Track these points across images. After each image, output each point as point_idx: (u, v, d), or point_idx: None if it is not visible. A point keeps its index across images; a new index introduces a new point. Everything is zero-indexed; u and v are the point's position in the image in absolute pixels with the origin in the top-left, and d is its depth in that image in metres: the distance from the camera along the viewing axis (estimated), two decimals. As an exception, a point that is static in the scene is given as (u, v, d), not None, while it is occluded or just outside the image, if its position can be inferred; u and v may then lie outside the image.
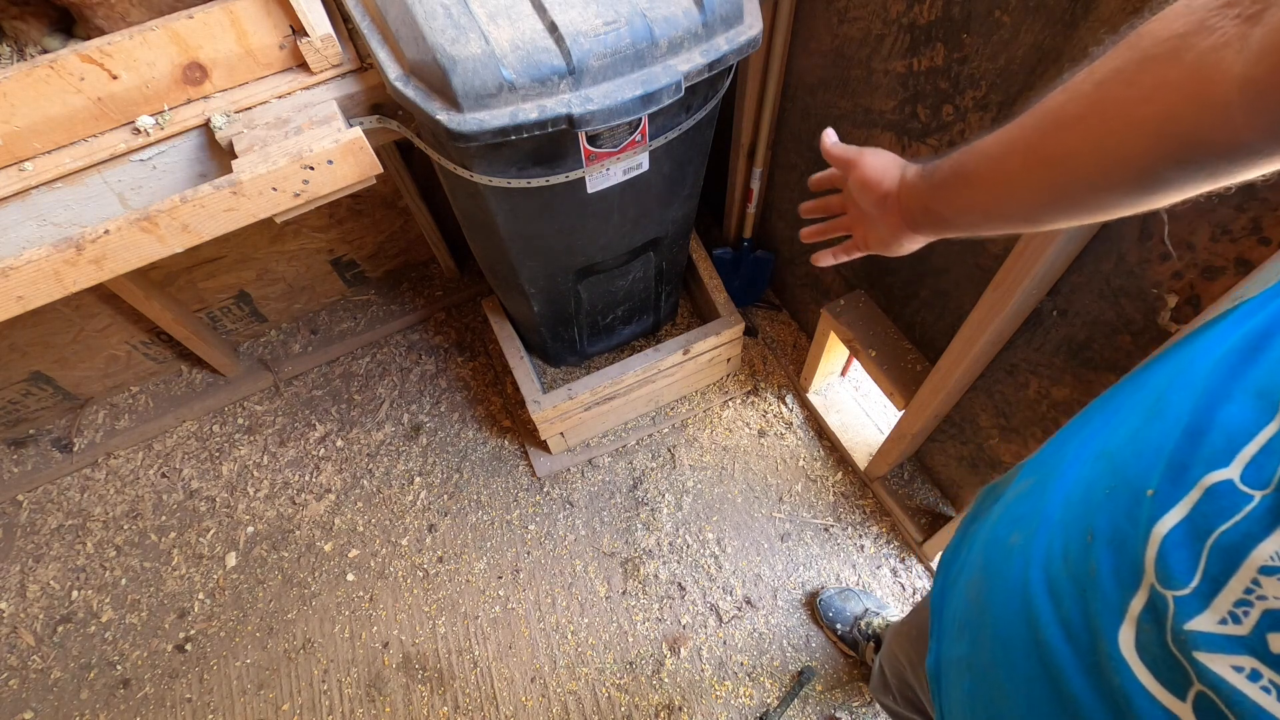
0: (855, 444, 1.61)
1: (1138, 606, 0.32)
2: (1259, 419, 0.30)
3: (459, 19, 0.85)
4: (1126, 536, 0.34)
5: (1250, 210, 0.66)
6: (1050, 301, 0.93)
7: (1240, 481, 0.29)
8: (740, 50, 0.97)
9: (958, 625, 0.51)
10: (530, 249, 1.21)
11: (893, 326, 1.34)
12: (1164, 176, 0.39)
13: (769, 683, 1.38)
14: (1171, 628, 0.30)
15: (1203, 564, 0.30)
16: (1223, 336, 0.37)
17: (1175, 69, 0.36)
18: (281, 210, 0.91)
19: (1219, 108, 0.34)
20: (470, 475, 1.69)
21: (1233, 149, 0.35)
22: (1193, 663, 0.29)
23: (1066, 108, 0.43)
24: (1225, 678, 0.28)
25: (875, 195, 0.63)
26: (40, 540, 1.66)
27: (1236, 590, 0.28)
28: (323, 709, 1.42)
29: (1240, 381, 0.32)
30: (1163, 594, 0.31)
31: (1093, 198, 0.44)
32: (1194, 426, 0.33)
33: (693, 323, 1.86)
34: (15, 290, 0.83)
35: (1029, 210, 0.49)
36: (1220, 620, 0.29)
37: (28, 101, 0.84)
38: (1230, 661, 0.28)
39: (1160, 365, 0.43)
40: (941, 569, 0.60)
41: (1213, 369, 0.34)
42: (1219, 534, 0.29)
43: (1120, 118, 0.39)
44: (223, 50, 0.92)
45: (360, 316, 1.92)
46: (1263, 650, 0.27)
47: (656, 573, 1.52)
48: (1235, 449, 0.30)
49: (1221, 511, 0.30)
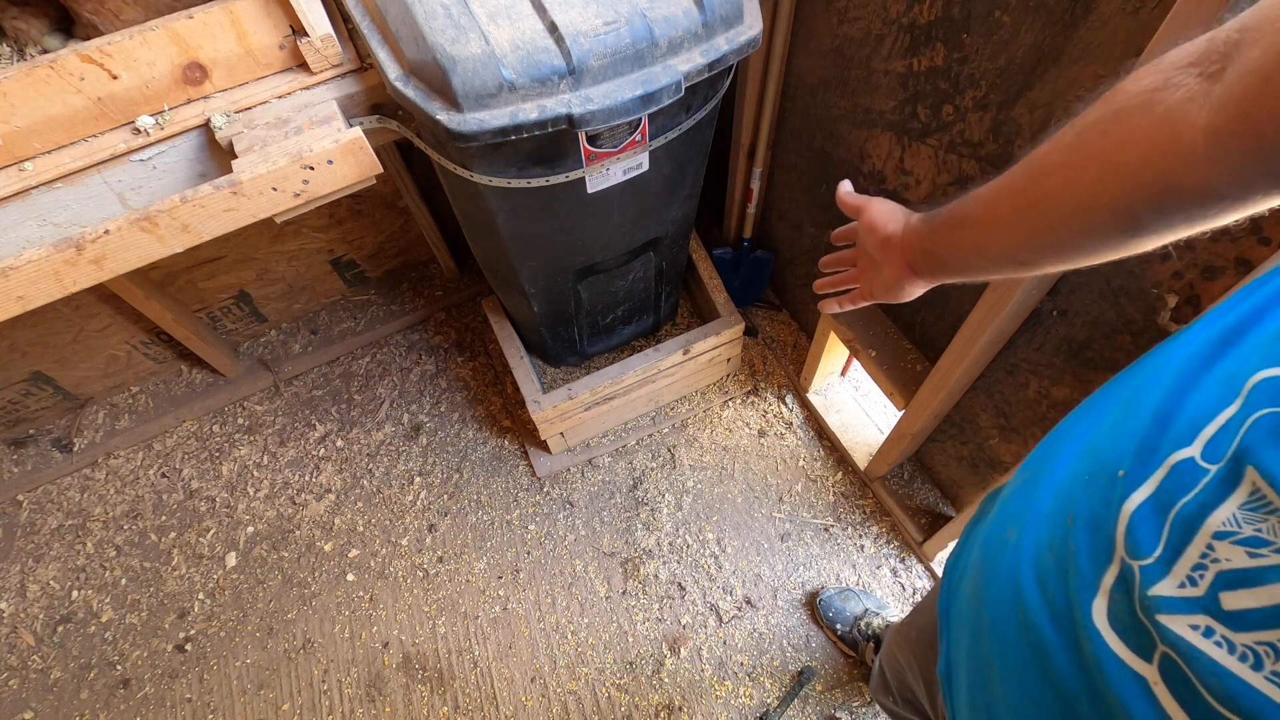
0: (855, 444, 1.61)
1: (1110, 580, 0.35)
2: (1222, 402, 0.32)
3: (459, 19, 0.85)
4: (1101, 517, 0.36)
5: (1250, 210, 0.66)
6: (1050, 301, 0.93)
7: (1200, 458, 0.32)
8: (740, 50, 0.97)
9: (965, 626, 0.52)
10: (530, 249, 1.21)
11: (893, 326, 1.34)
12: (1142, 219, 0.42)
13: (769, 683, 1.38)
14: (1138, 595, 0.32)
15: (1165, 534, 0.32)
16: (1198, 333, 0.39)
17: (1146, 120, 0.39)
18: (281, 210, 0.91)
19: (1187, 156, 0.37)
20: (470, 475, 1.69)
21: (1203, 194, 0.38)
22: (1156, 626, 0.31)
23: (1050, 155, 0.46)
24: (1184, 636, 0.30)
25: (880, 238, 0.67)
26: (40, 540, 1.66)
27: (1193, 556, 0.31)
28: (323, 709, 1.42)
29: (1210, 371, 0.35)
30: (1130, 565, 0.33)
31: (1076, 239, 0.46)
32: (1163, 412, 0.35)
33: (693, 323, 1.86)
34: (15, 290, 0.83)
35: (1018, 251, 0.52)
36: (1180, 584, 0.31)
37: (28, 101, 0.84)
38: (1188, 621, 0.30)
39: (1144, 362, 0.45)
40: (946, 573, 0.61)
41: (1186, 361, 0.37)
42: (1180, 506, 0.32)
43: (1097, 164, 0.42)
44: (223, 50, 0.92)
45: (360, 316, 1.92)
46: (1216, 609, 0.29)
47: (656, 573, 1.52)
48: (1198, 429, 0.33)
49: (1183, 486, 0.32)
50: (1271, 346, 0.32)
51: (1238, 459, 0.30)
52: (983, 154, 0.95)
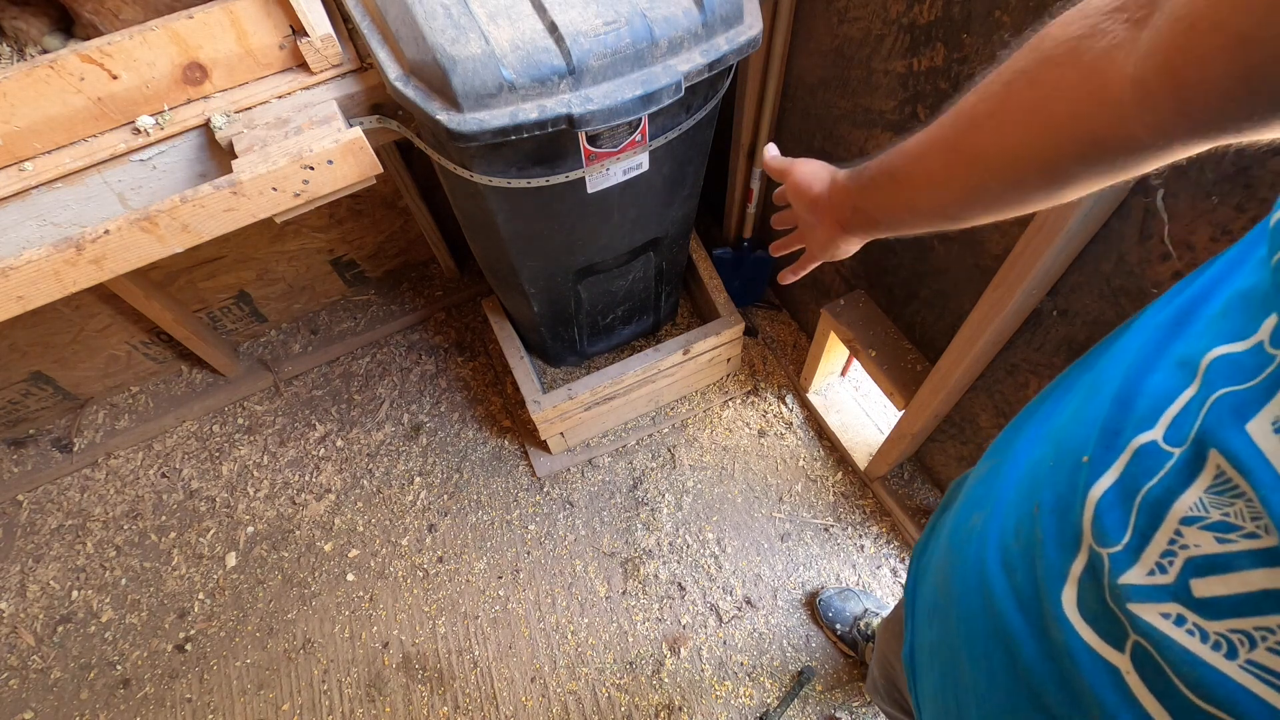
0: (855, 444, 1.61)
1: (1078, 568, 0.34)
2: (1181, 383, 0.32)
3: (459, 19, 0.85)
4: (1068, 504, 0.35)
5: (1250, 210, 0.66)
6: (1050, 301, 0.93)
7: (1163, 441, 0.31)
8: (740, 50, 0.97)
9: (928, 613, 0.52)
10: (530, 249, 1.21)
11: (893, 326, 1.34)
12: (1070, 172, 0.41)
13: (769, 683, 1.38)
14: (1108, 584, 0.32)
15: (1133, 521, 0.31)
16: (1153, 316, 0.39)
17: (1074, 71, 0.38)
18: (281, 210, 0.91)
19: (1114, 106, 0.36)
20: (470, 475, 1.69)
21: (1129, 145, 0.37)
22: (1127, 614, 0.31)
23: (978, 107, 0.45)
24: (1155, 625, 0.30)
25: (807, 199, 0.66)
26: (40, 540, 1.66)
27: (1162, 542, 0.30)
28: (323, 709, 1.42)
29: (1165, 353, 0.34)
30: (1099, 553, 0.33)
31: (1006, 193, 0.45)
32: (1123, 395, 0.35)
33: (693, 323, 1.86)
34: (15, 290, 0.83)
35: (949, 205, 0.51)
36: (1149, 572, 0.30)
37: (28, 101, 0.84)
38: (1159, 609, 0.30)
39: (1103, 348, 0.45)
40: (914, 560, 0.61)
41: (1143, 345, 0.37)
42: (1145, 491, 0.31)
43: (1026, 117, 0.41)
44: (223, 50, 0.92)
45: (360, 316, 1.92)
46: (1186, 596, 0.29)
47: (656, 573, 1.52)
48: (1159, 412, 0.32)
49: (1147, 470, 0.31)
50: (1219, 324, 0.32)
51: (1200, 441, 0.29)
52: (983, 154, 0.95)
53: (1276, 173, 0.63)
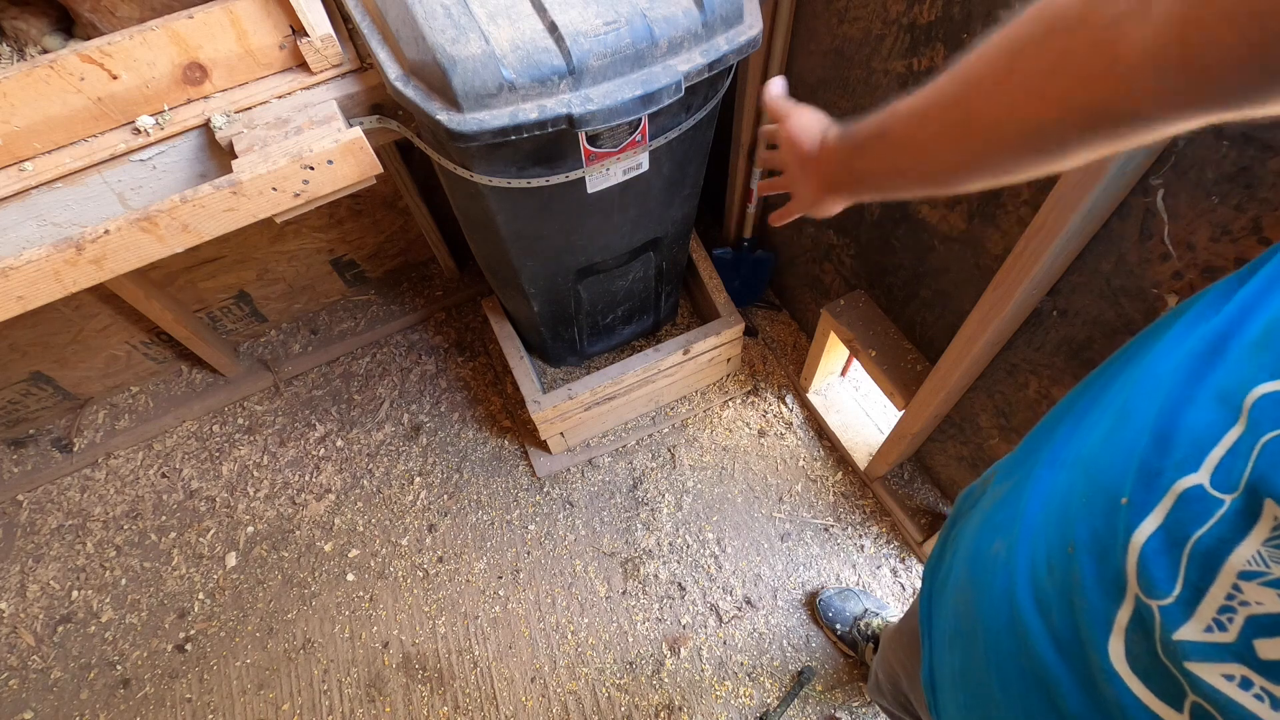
0: (855, 444, 1.61)
1: (1124, 617, 0.32)
2: (1223, 422, 0.30)
3: (459, 19, 0.85)
4: (1106, 546, 0.34)
5: (1250, 210, 0.66)
6: (1050, 301, 0.93)
7: (1210, 486, 0.29)
8: (740, 50, 0.97)
9: (948, 637, 0.51)
10: (530, 249, 1.21)
11: (893, 326, 1.34)
12: (1069, 141, 0.40)
13: (769, 683, 1.38)
14: (1160, 638, 0.30)
15: (1182, 571, 0.30)
16: (1180, 337, 0.37)
17: (1083, 40, 0.36)
18: (281, 210, 0.91)
19: (1122, 76, 0.34)
20: (470, 475, 1.69)
21: (1134, 116, 0.35)
22: (1185, 673, 0.29)
23: (980, 72, 0.43)
24: (1218, 687, 0.28)
25: (799, 153, 0.64)
26: (40, 540, 1.66)
27: (1218, 597, 0.28)
28: (323, 709, 1.42)
29: (1201, 385, 0.33)
30: (1148, 604, 0.31)
31: (1000, 161, 0.44)
32: (1161, 431, 0.33)
33: (693, 323, 1.86)
34: (15, 290, 0.83)
35: (939, 172, 0.49)
36: (1206, 628, 0.29)
37: (28, 101, 0.84)
38: (1221, 670, 0.28)
39: (1124, 366, 0.43)
40: (926, 577, 0.60)
41: (1174, 372, 0.35)
42: (1195, 540, 0.29)
43: (1031, 84, 0.39)
44: (223, 50, 0.92)
45: (360, 316, 1.92)
46: (1251, 657, 0.27)
47: (656, 573, 1.52)
48: (1203, 453, 0.30)
49: (1195, 517, 0.30)
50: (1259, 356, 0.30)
51: (1253, 489, 0.27)
52: (983, 154, 0.95)
53: (1277, 172, 0.63)
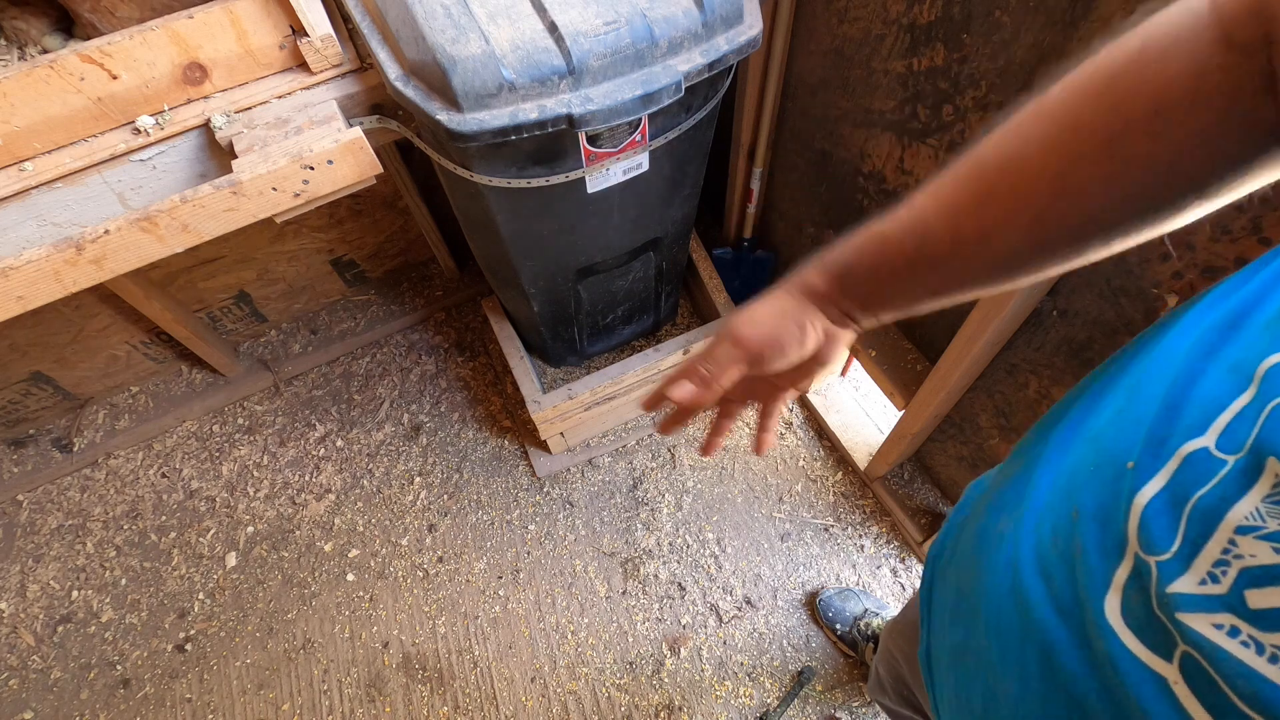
0: (855, 444, 1.61)
1: (1123, 575, 0.33)
2: (1234, 389, 0.31)
3: (459, 19, 0.85)
4: (1110, 510, 0.34)
5: (1250, 210, 0.66)
6: (1050, 301, 0.93)
7: (1215, 448, 0.30)
8: (740, 50, 0.97)
9: (949, 614, 0.51)
10: (530, 249, 1.21)
11: (893, 326, 1.34)
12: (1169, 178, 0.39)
13: (769, 683, 1.38)
14: (1155, 592, 0.31)
15: (1182, 528, 0.30)
16: (1199, 318, 0.37)
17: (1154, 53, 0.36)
18: (281, 210, 0.91)
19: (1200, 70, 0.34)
20: (470, 475, 1.69)
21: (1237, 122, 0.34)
22: (1176, 624, 0.30)
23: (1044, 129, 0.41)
24: (1207, 635, 0.29)
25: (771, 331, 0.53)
26: (40, 540, 1.66)
27: (1214, 551, 0.29)
28: (323, 709, 1.42)
29: (1215, 359, 0.33)
30: (1146, 560, 0.32)
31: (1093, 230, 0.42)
32: (1171, 401, 0.34)
33: (693, 323, 1.86)
34: (15, 290, 0.83)
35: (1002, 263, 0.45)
36: (1200, 581, 0.29)
37: (28, 101, 0.84)
38: (1211, 620, 0.29)
39: (1140, 348, 0.43)
40: (930, 561, 0.60)
41: (1190, 349, 0.35)
42: (1197, 499, 0.30)
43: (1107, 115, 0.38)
44: (223, 50, 0.92)
45: (360, 316, 1.92)
46: (1241, 607, 0.28)
47: (656, 573, 1.52)
48: (1210, 418, 0.31)
49: (1199, 478, 0.30)
50: (1275, 329, 0.31)
51: (1257, 450, 0.28)
52: (983, 154, 0.95)
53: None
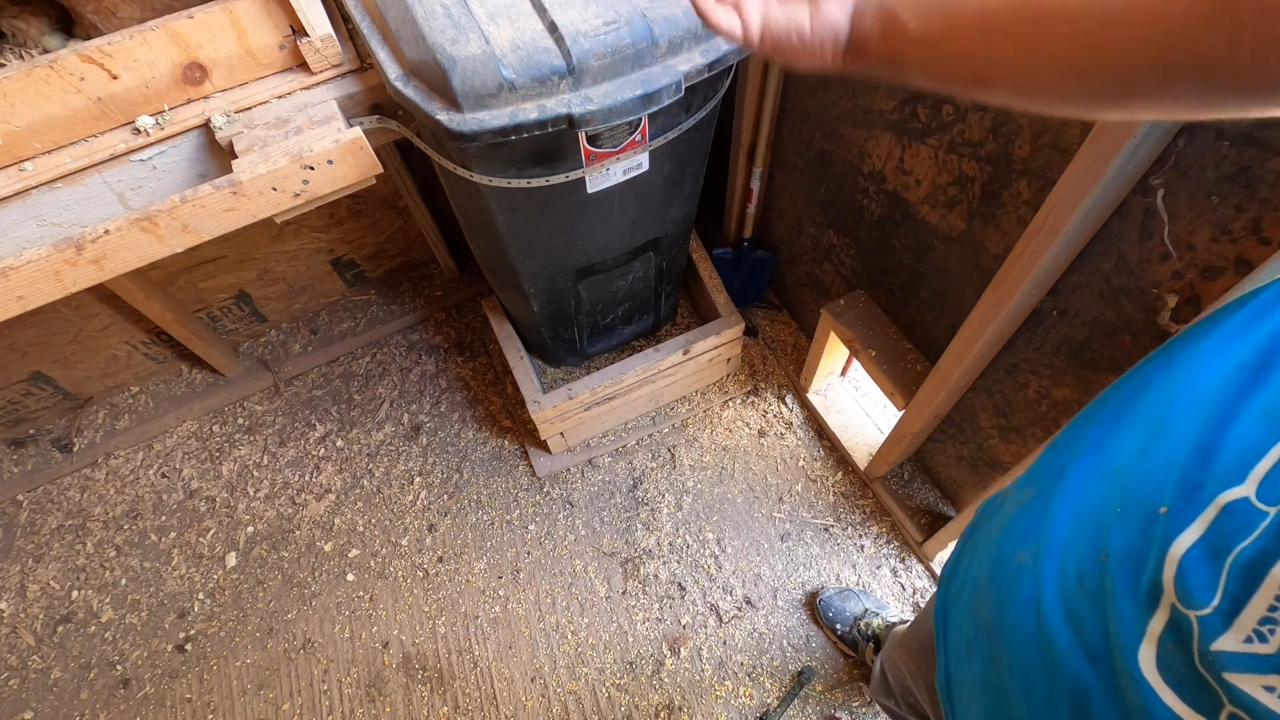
0: (855, 444, 1.61)
1: (1158, 626, 0.32)
2: (1269, 435, 0.30)
3: (459, 19, 0.85)
4: (1142, 556, 0.33)
5: (1250, 210, 0.66)
6: (1050, 301, 0.93)
7: (1256, 499, 0.29)
8: (740, 50, 0.97)
9: (965, 643, 0.51)
10: (530, 249, 1.21)
11: (893, 326, 1.34)
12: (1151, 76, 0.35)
13: (769, 683, 1.38)
14: (1198, 649, 0.30)
15: (1223, 582, 0.29)
16: (1221, 348, 0.37)
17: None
18: (281, 210, 0.91)
19: None
20: (470, 475, 1.69)
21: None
22: (1222, 684, 0.29)
23: None
24: (1257, 698, 0.28)
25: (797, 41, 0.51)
26: (40, 540, 1.66)
27: (1260, 608, 0.28)
28: (323, 709, 1.42)
29: (1248, 401, 0.32)
30: (1185, 614, 0.31)
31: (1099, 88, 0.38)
32: (1203, 444, 0.33)
33: (693, 323, 1.86)
34: (15, 290, 0.83)
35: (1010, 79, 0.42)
36: (1245, 639, 0.28)
37: (28, 101, 0.84)
38: (1261, 681, 0.28)
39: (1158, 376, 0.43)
40: (943, 583, 0.60)
41: (1219, 387, 0.34)
42: (1238, 552, 0.29)
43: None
44: (223, 50, 0.92)
45: (360, 316, 1.92)
46: None
47: (656, 573, 1.52)
48: (1248, 465, 0.30)
49: (1239, 529, 0.29)
50: None
51: None
52: (982, 154, 0.95)
53: (1276, 172, 0.63)
